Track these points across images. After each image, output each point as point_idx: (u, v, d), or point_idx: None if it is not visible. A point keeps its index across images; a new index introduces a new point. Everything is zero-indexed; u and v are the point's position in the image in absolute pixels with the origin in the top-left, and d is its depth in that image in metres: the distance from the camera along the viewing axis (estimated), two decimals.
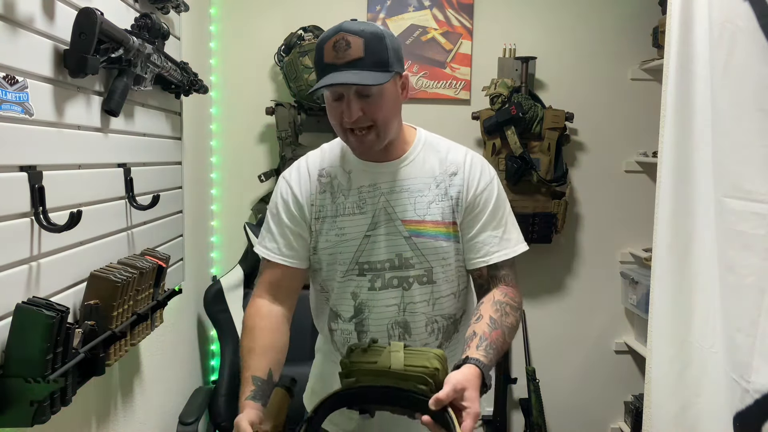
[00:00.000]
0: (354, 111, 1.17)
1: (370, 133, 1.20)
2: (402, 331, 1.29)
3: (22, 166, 1.09)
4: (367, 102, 1.17)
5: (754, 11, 1.23)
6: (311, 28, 2.42)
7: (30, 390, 1.02)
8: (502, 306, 1.23)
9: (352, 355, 1.15)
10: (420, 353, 1.12)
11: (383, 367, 1.10)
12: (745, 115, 1.26)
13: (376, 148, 1.24)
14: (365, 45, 1.14)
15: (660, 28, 2.41)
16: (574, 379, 2.77)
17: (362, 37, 1.15)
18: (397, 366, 1.09)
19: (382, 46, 1.16)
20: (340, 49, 1.14)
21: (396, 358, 1.10)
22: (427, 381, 1.07)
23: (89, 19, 1.17)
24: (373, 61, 1.15)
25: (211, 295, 2.32)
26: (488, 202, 1.29)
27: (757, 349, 1.23)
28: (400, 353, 1.10)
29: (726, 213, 1.33)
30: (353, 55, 1.14)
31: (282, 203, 1.33)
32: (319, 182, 1.32)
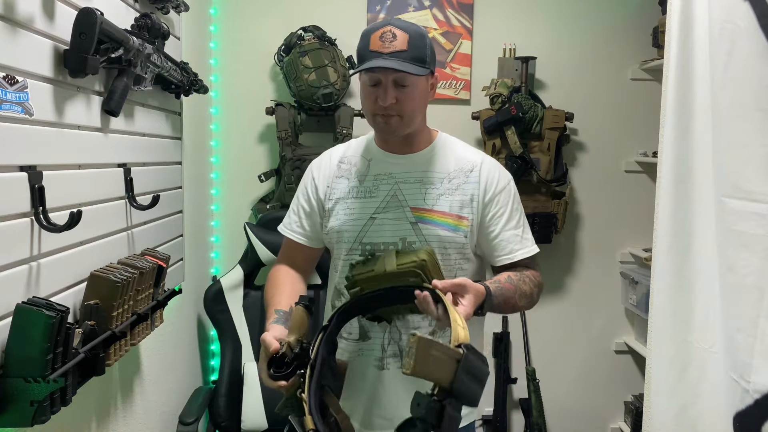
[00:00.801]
0: (390, 97, 1.26)
1: (394, 119, 1.30)
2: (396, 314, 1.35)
3: (22, 166, 1.09)
4: (401, 91, 1.27)
5: (754, 11, 1.23)
6: (311, 28, 2.42)
7: (30, 390, 1.02)
8: (523, 274, 1.35)
9: (354, 269, 1.27)
10: (409, 252, 1.25)
11: (380, 272, 1.22)
12: (745, 115, 1.26)
13: (399, 132, 1.33)
14: (409, 40, 1.25)
15: (660, 28, 2.41)
16: (574, 379, 2.77)
17: (407, 33, 1.25)
18: (391, 268, 1.21)
19: (423, 44, 1.27)
20: (386, 39, 1.25)
21: (389, 261, 1.22)
22: (417, 273, 1.19)
23: (89, 19, 1.17)
24: (413, 56, 1.25)
25: (211, 295, 2.32)
26: (507, 202, 1.38)
27: (757, 349, 1.23)
28: (393, 257, 1.23)
29: (726, 213, 1.33)
30: (398, 47, 1.24)
31: (303, 186, 1.47)
32: (338, 168, 1.43)
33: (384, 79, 1.26)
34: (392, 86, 1.26)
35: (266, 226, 2.35)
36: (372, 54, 1.25)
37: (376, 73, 1.26)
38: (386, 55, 1.24)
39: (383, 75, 1.26)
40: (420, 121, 1.36)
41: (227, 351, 2.32)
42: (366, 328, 1.37)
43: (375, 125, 1.34)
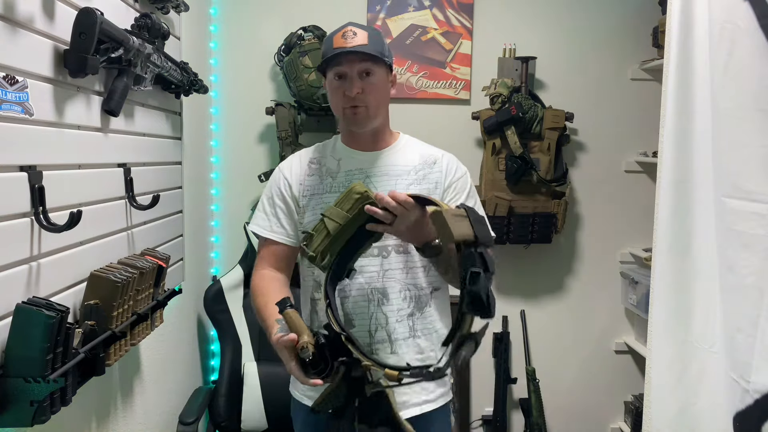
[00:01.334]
0: (355, 87, 1.37)
1: (361, 109, 1.40)
2: (381, 296, 1.42)
3: (22, 166, 1.09)
4: (366, 82, 1.38)
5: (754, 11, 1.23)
6: (311, 28, 2.42)
7: (30, 390, 1.02)
8: None
9: (310, 246, 1.29)
10: (342, 199, 1.27)
11: (337, 230, 1.26)
12: (745, 115, 1.26)
13: (366, 124, 1.43)
14: (369, 36, 1.38)
15: (660, 28, 2.41)
16: (574, 379, 2.77)
17: (366, 31, 1.39)
18: (344, 219, 1.25)
19: (381, 41, 1.42)
20: (348, 36, 1.38)
21: (336, 215, 1.26)
22: (361, 206, 1.25)
23: (89, 19, 1.17)
24: (374, 49, 1.38)
25: (211, 295, 2.32)
26: (464, 188, 1.48)
27: (757, 349, 1.23)
28: (336, 211, 1.26)
29: (726, 213, 1.33)
30: (359, 42, 1.37)
31: (275, 187, 1.51)
32: (309, 167, 1.50)
33: (349, 71, 1.37)
34: (357, 77, 1.38)
35: None
36: (336, 50, 1.37)
37: (342, 65, 1.37)
38: (350, 48, 1.36)
39: (349, 67, 1.37)
40: (384, 116, 1.47)
41: (227, 351, 2.32)
42: (350, 316, 1.41)
43: (344, 118, 1.44)
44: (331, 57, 1.37)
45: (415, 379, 1.13)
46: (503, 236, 2.50)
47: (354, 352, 1.18)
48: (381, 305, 1.41)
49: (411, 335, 1.42)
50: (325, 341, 1.19)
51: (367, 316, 1.41)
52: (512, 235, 2.49)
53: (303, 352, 1.16)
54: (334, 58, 1.37)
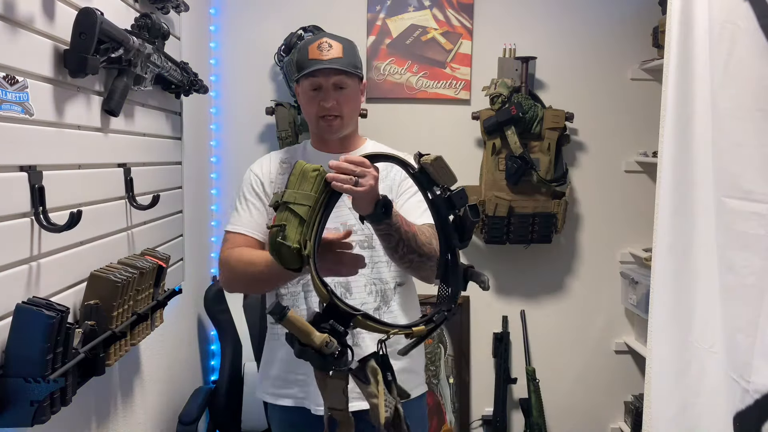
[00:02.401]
0: (331, 99, 1.45)
1: (337, 120, 1.48)
2: (344, 290, 1.46)
3: (22, 166, 1.09)
4: (340, 93, 1.46)
5: (754, 11, 1.23)
6: (311, 28, 2.42)
7: (30, 390, 1.02)
8: (425, 226, 1.42)
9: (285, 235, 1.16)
10: (298, 179, 1.19)
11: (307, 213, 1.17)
12: (745, 115, 1.26)
13: (339, 133, 1.51)
14: (344, 49, 1.46)
15: (660, 28, 2.41)
16: (574, 379, 2.76)
17: (341, 43, 1.46)
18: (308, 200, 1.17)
19: (355, 53, 1.50)
20: (323, 48, 1.44)
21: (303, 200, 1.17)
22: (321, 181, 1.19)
23: (89, 19, 1.17)
24: (348, 62, 1.46)
25: (211, 295, 2.32)
26: (412, 187, 1.50)
27: (757, 349, 1.23)
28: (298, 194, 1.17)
29: (726, 213, 1.33)
30: (335, 54, 1.44)
31: (246, 185, 1.56)
32: (280, 166, 1.56)
33: (325, 83, 1.44)
34: (332, 89, 1.45)
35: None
36: (312, 62, 1.43)
37: (317, 77, 1.44)
38: (326, 61, 1.43)
39: (324, 79, 1.44)
40: (354, 122, 1.56)
41: (227, 351, 2.32)
42: (313, 309, 1.41)
43: (318, 128, 1.50)
44: (305, 69, 1.44)
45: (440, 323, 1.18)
46: (503, 236, 2.50)
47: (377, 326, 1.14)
48: (344, 298, 1.37)
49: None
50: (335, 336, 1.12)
51: (357, 305, 1.39)
52: (512, 235, 2.49)
53: (329, 347, 1.09)
54: (309, 71, 1.43)
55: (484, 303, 2.68)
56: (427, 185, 1.22)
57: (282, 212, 1.17)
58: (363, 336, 1.44)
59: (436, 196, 1.21)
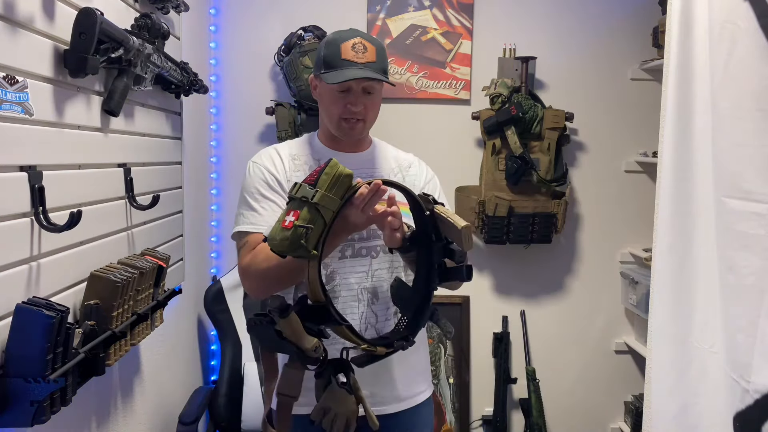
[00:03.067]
0: (360, 103, 1.39)
1: (360, 124, 1.42)
2: (371, 296, 1.42)
3: (22, 166, 1.09)
4: (368, 98, 1.41)
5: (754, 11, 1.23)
6: (311, 28, 2.42)
7: (30, 390, 1.02)
8: None
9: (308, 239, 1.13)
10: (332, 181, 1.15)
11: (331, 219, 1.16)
12: (745, 115, 1.26)
13: (359, 136, 1.47)
14: (377, 52, 1.39)
15: (660, 28, 2.40)
16: (574, 379, 2.76)
17: (375, 46, 1.40)
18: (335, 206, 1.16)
19: (386, 57, 1.44)
20: (358, 50, 1.37)
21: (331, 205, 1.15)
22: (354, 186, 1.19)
23: (89, 19, 1.17)
24: (380, 67, 1.39)
25: (211, 295, 2.32)
26: (434, 190, 1.51)
27: (757, 349, 1.23)
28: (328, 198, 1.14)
29: (726, 213, 1.33)
30: (369, 58, 1.37)
31: (260, 182, 1.44)
32: (293, 163, 1.47)
33: (356, 86, 1.38)
34: (362, 94, 1.39)
35: None
36: (345, 62, 1.36)
37: (348, 81, 1.36)
38: (360, 65, 1.36)
39: (356, 83, 1.37)
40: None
41: (227, 351, 2.32)
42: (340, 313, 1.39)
43: (339, 129, 1.43)
44: (337, 68, 1.36)
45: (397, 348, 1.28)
46: (503, 236, 2.50)
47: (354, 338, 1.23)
48: (371, 304, 1.42)
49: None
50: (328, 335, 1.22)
51: (357, 316, 1.41)
52: (512, 235, 2.49)
53: (317, 352, 1.18)
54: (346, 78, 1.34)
55: (484, 303, 2.68)
56: (433, 230, 1.26)
57: (310, 213, 1.13)
58: None
59: (437, 242, 1.27)
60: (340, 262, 1.41)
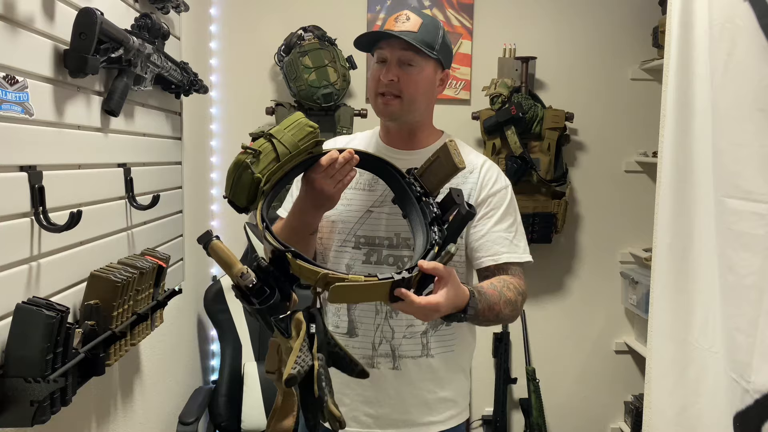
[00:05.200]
0: (391, 73, 1.27)
1: (396, 101, 1.29)
2: (389, 309, 1.31)
3: (22, 166, 1.09)
4: (404, 71, 1.27)
5: (754, 11, 1.23)
6: (311, 28, 2.42)
7: (30, 390, 1.02)
8: (506, 282, 1.30)
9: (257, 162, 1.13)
10: (293, 124, 1.17)
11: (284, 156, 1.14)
12: (745, 115, 1.26)
13: (397, 116, 1.32)
14: (422, 25, 1.27)
15: (660, 28, 2.41)
16: (574, 379, 2.77)
17: (421, 18, 1.28)
18: (291, 146, 1.14)
19: (435, 33, 1.29)
20: (400, 20, 1.28)
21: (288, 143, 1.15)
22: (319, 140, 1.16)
23: (89, 19, 1.17)
24: (422, 39, 1.26)
25: (211, 295, 2.32)
26: (500, 204, 1.35)
27: (757, 349, 1.23)
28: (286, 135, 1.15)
29: (726, 213, 1.33)
30: (408, 28, 1.26)
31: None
32: None
33: (390, 55, 1.28)
34: (396, 65, 1.27)
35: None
36: (383, 32, 1.28)
37: (383, 50, 1.28)
38: (396, 32, 1.26)
39: (389, 51, 1.28)
40: (423, 113, 1.36)
41: (227, 351, 2.32)
42: (355, 324, 1.35)
43: (375, 107, 1.33)
44: (372, 37, 1.29)
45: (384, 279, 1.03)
46: None
47: (307, 266, 1.01)
48: (389, 318, 1.33)
49: (423, 354, 1.34)
50: (267, 265, 1.03)
51: (372, 328, 1.34)
52: None
53: (243, 279, 1.01)
54: (375, 39, 1.29)
55: None
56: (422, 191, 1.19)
57: (263, 142, 1.13)
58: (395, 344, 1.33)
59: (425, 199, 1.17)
60: (363, 267, 1.33)
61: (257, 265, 1.03)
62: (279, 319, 1.02)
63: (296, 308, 1.04)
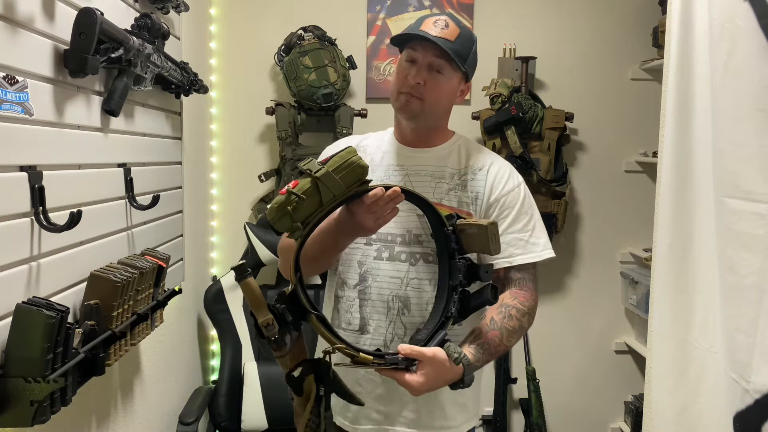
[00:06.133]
0: (420, 75, 1.29)
1: (416, 102, 1.31)
2: (401, 305, 1.33)
3: (22, 166, 1.09)
4: (432, 77, 1.30)
5: (754, 11, 1.23)
6: (311, 28, 2.42)
7: (30, 390, 1.02)
8: (507, 309, 1.30)
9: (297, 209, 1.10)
10: (343, 166, 1.11)
11: (330, 202, 1.12)
12: (745, 115, 1.26)
13: (415, 116, 1.33)
14: (459, 36, 1.30)
15: (660, 28, 2.41)
16: (574, 379, 2.77)
17: (460, 29, 1.31)
18: (338, 191, 1.11)
19: (468, 46, 1.33)
20: (438, 25, 1.30)
21: (334, 188, 1.11)
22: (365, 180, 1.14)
23: (89, 19, 1.17)
24: (456, 50, 1.29)
25: (211, 295, 2.32)
26: (513, 205, 1.34)
27: (757, 349, 1.23)
28: (334, 180, 1.10)
29: (726, 213, 1.33)
30: (446, 35, 1.29)
31: None
32: None
33: (421, 58, 1.29)
34: (426, 68, 1.29)
35: (266, 226, 2.35)
36: (419, 33, 1.29)
37: (416, 51, 1.30)
38: (432, 36, 1.27)
39: (422, 54, 1.29)
40: (439, 119, 1.39)
41: (227, 351, 2.32)
42: (366, 321, 1.35)
43: (396, 103, 1.34)
44: (410, 36, 1.30)
45: (389, 365, 1.14)
46: None
47: (325, 333, 1.12)
48: (401, 315, 1.33)
49: None
50: (290, 317, 1.11)
51: (384, 324, 1.33)
52: None
53: (268, 330, 1.09)
54: (412, 39, 1.30)
55: None
56: (457, 247, 1.19)
57: (308, 184, 1.10)
58: None
59: (459, 259, 1.18)
60: (375, 263, 1.34)
61: (280, 314, 1.10)
62: (292, 378, 1.13)
63: (308, 360, 1.15)
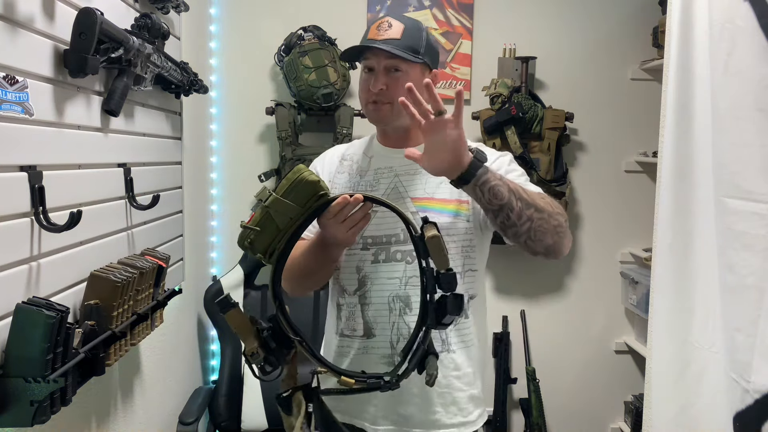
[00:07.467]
0: (379, 82, 1.30)
1: (386, 107, 1.32)
2: (403, 305, 1.32)
3: (22, 166, 1.09)
4: (392, 78, 1.30)
5: (754, 11, 1.23)
6: (311, 28, 2.42)
7: (30, 390, 1.02)
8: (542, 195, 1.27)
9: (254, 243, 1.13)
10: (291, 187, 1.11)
11: (287, 226, 1.11)
12: (745, 115, 1.26)
13: (389, 121, 1.34)
14: (404, 30, 1.30)
15: (660, 28, 2.41)
16: (574, 379, 2.77)
17: (403, 24, 1.31)
18: (293, 213, 1.11)
19: (418, 36, 1.32)
20: (382, 28, 1.31)
21: (287, 212, 1.11)
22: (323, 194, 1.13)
23: (89, 19, 1.17)
24: (407, 45, 1.29)
25: (211, 295, 2.32)
26: (501, 167, 1.36)
27: (757, 349, 1.23)
28: (283, 204, 1.10)
29: (726, 213, 1.33)
30: (391, 35, 1.29)
31: None
32: (340, 164, 1.44)
33: (376, 65, 1.31)
34: (383, 72, 1.30)
35: None
36: (367, 41, 1.31)
37: (369, 59, 1.31)
38: (379, 42, 1.29)
39: (375, 61, 1.30)
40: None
41: (227, 351, 2.32)
42: (370, 325, 1.34)
43: (367, 114, 1.37)
44: (359, 49, 1.32)
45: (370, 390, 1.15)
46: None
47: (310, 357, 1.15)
48: (403, 314, 1.32)
49: (444, 349, 1.32)
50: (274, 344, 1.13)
51: (388, 326, 1.33)
52: None
53: (254, 358, 1.11)
54: (362, 51, 1.31)
55: None
56: (423, 254, 1.16)
57: (260, 217, 1.13)
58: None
59: (427, 268, 1.15)
60: (372, 267, 1.34)
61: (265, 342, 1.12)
62: (282, 397, 1.15)
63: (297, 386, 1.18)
